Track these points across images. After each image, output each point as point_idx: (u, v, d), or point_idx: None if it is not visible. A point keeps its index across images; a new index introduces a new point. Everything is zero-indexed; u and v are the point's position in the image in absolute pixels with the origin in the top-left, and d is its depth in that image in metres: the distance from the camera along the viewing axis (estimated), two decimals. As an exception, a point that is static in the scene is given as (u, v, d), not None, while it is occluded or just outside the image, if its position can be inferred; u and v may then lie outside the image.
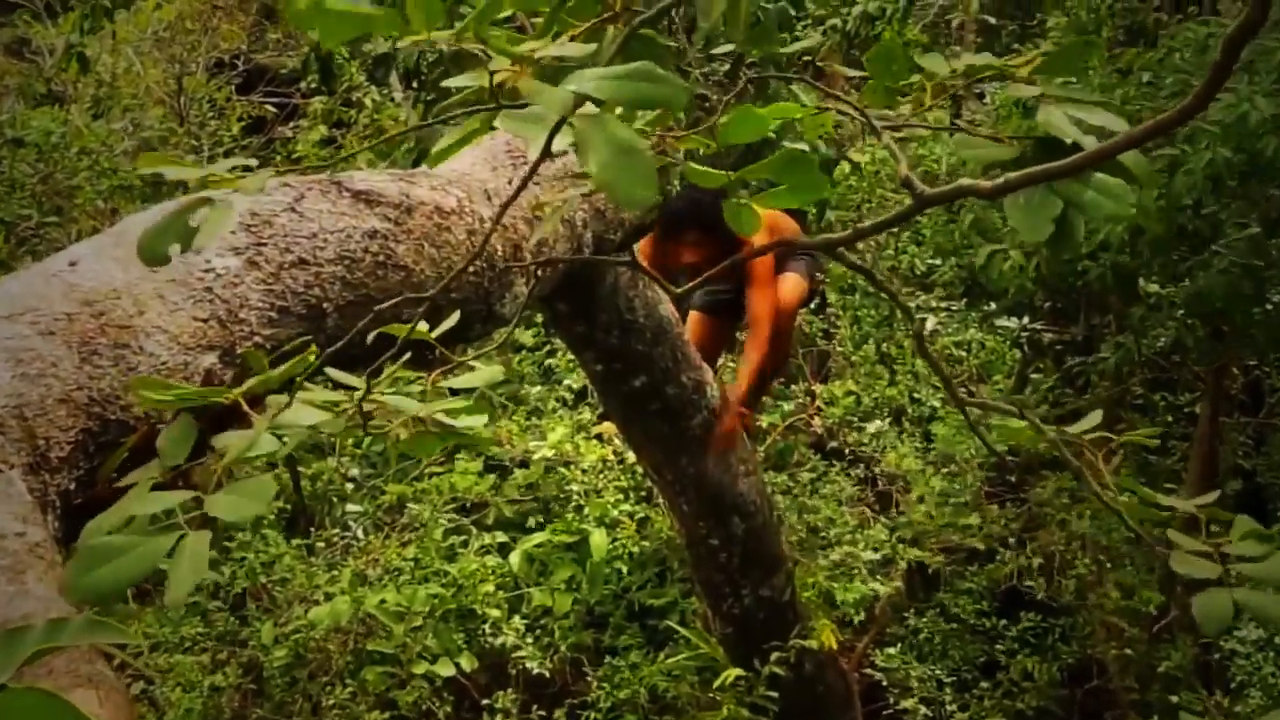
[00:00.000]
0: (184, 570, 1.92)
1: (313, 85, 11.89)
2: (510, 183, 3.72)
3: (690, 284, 2.58)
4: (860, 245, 11.26)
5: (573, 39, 2.10)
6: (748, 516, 6.83)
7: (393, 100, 12.37)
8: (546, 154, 2.01)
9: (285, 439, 2.37)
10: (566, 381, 10.12)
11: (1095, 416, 2.97)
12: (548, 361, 10.41)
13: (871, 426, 9.94)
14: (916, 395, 10.50)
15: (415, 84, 10.51)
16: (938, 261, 11.28)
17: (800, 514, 9.00)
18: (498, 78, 2.00)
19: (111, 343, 2.55)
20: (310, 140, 11.99)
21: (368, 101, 11.71)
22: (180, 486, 2.26)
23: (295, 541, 8.90)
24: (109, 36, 12.15)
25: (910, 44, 13.98)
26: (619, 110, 1.96)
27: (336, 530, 9.30)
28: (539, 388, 10.23)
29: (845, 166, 11.31)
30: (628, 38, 1.97)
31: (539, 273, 3.79)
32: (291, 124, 13.49)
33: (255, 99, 13.59)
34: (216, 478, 2.15)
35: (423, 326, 2.57)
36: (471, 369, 2.97)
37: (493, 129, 2.09)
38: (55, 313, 2.52)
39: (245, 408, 2.40)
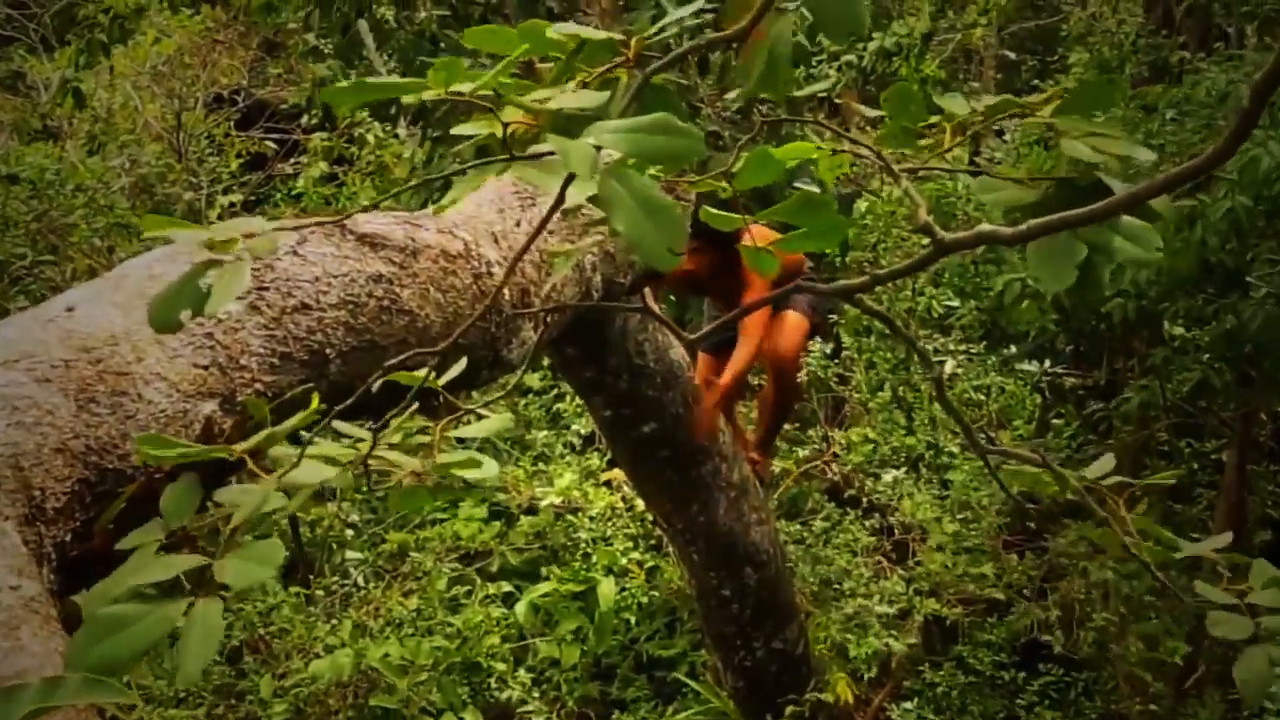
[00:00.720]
0: (196, 643, 1.92)
1: (314, 121, 11.94)
2: (518, 225, 3.74)
3: (707, 328, 2.58)
4: (877, 288, 11.26)
5: (585, 85, 2.12)
6: (760, 567, 6.82)
7: (396, 136, 12.42)
8: (560, 205, 2.03)
9: (290, 495, 2.37)
10: (574, 426, 10.13)
11: (1108, 461, 2.95)
12: (555, 406, 10.42)
13: (888, 475, 9.92)
14: (934, 442, 10.48)
15: (420, 120, 10.56)
16: (956, 304, 11.28)
17: (814, 564, 8.98)
18: (510, 126, 2.01)
19: (109, 390, 2.56)
20: (311, 177, 12.03)
21: (370, 138, 11.75)
22: (183, 546, 2.27)
23: (294, 590, 8.89)
24: (106, 71, 12.22)
25: (928, 80, 14.04)
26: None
27: (336, 578, 9.29)
28: (546, 433, 10.24)
29: (861, 205, 11.34)
30: (641, 87, 1.99)
31: (547, 318, 3.80)
32: (292, 160, 13.54)
33: (255, 135, 13.63)
34: (223, 538, 2.15)
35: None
36: (480, 417, 2.98)
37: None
38: (52, 359, 2.52)
39: (250, 464, 2.41)
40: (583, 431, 10.05)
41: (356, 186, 11.95)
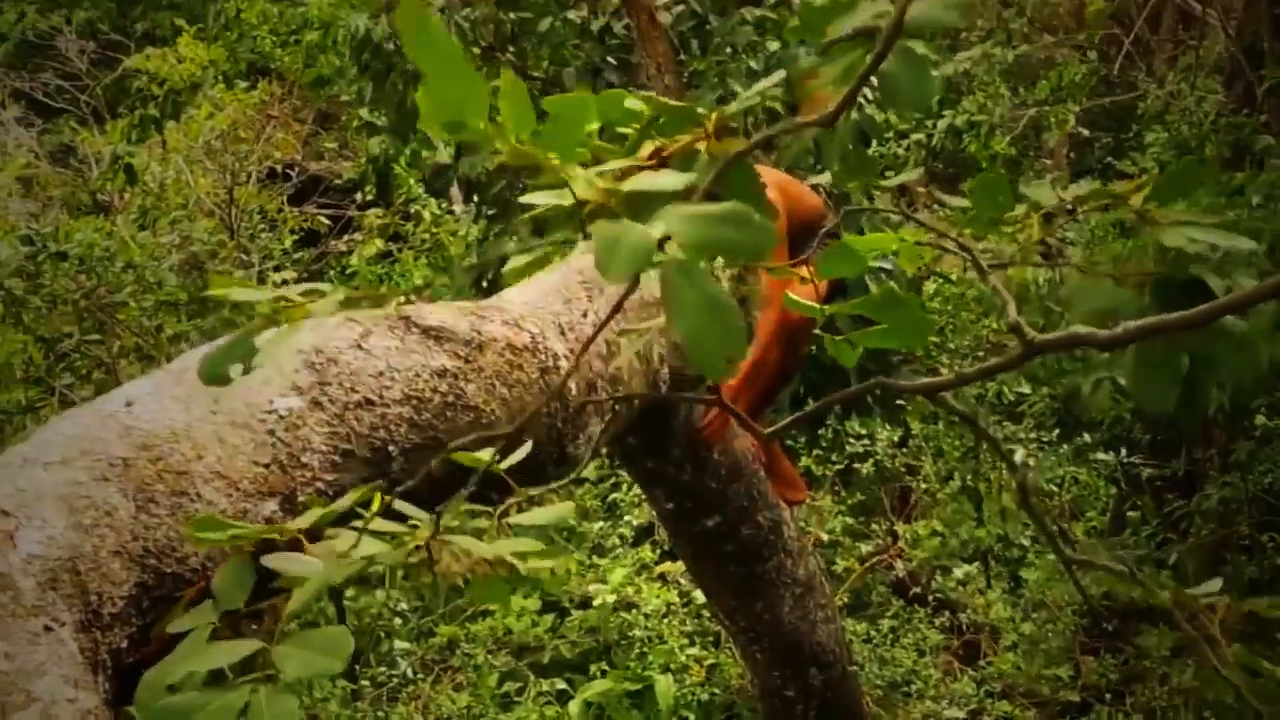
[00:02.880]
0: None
1: (369, 197, 12.05)
2: (585, 315, 3.73)
3: (783, 422, 2.55)
4: (943, 371, 11.24)
5: (666, 158, 2.11)
6: (826, 667, 6.74)
7: (451, 213, 12.51)
8: (631, 292, 2.02)
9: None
10: (628, 518, 10.08)
11: (1214, 586, 2.89)
12: (612, 496, 10.38)
13: (959, 571, 9.82)
14: (1004, 533, 10.38)
15: (475, 196, 10.65)
16: (1028, 390, 11.20)
17: (881, 665, 8.89)
18: (582, 200, 2.01)
19: (169, 490, 2.55)
20: (366, 255, 12.12)
21: (426, 214, 11.84)
22: (236, 632, 2.26)
23: (340, 682, 8.86)
24: (158, 145, 12.38)
25: (997, 157, 14.04)
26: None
27: (383, 669, 9.25)
28: (601, 524, 10.20)
29: (930, 287, 11.31)
30: (722, 174, 1.98)
31: (615, 407, 3.79)
32: (346, 237, 13.66)
33: (309, 210, 13.77)
34: (279, 623, 2.14)
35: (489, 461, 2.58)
36: (539, 504, 2.98)
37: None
38: (112, 457, 2.52)
39: (306, 545, 2.40)
40: (636, 523, 10.01)
41: (410, 265, 12.02)
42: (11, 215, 12.22)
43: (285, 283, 9.71)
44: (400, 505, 2.54)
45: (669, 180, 1.95)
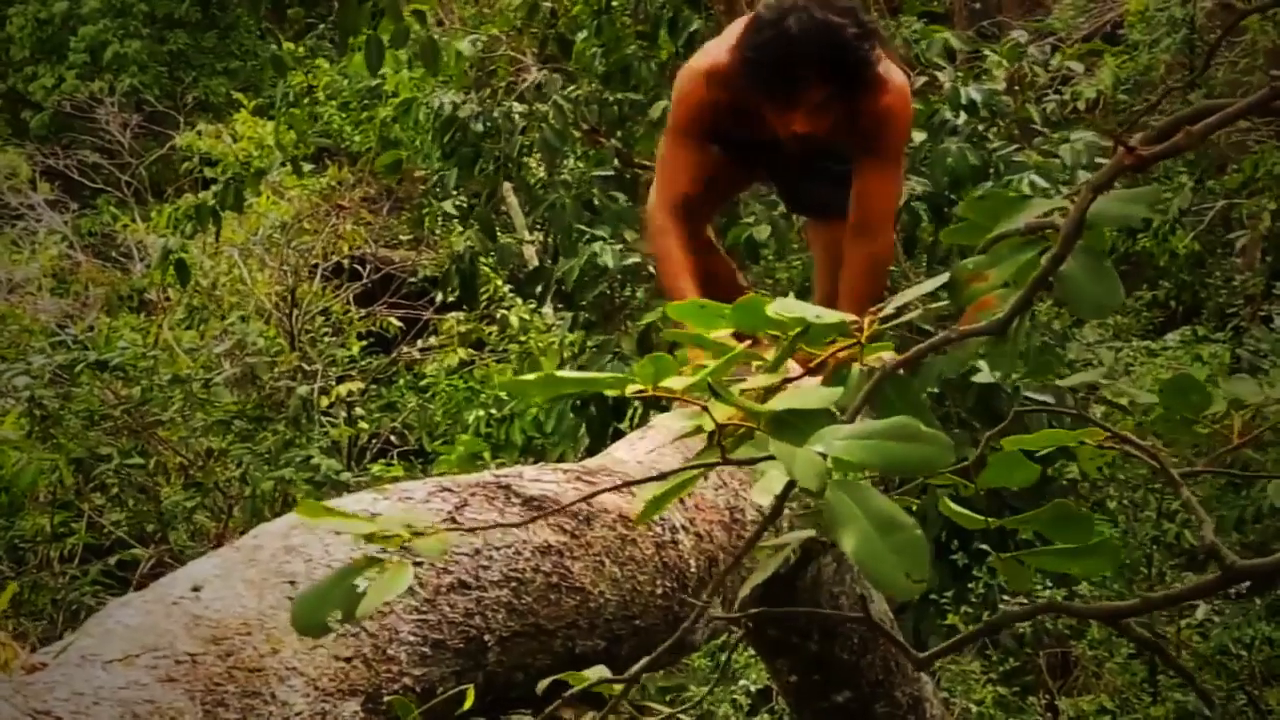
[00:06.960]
0: None
1: (452, 298, 12.11)
2: (705, 477, 3.78)
3: (944, 645, 2.59)
4: (1112, 505, 11.17)
5: (813, 369, 2.18)
6: None
7: (538, 312, 12.49)
8: (777, 515, 2.08)
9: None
10: (743, 681, 9.99)
11: None
12: (722, 656, 10.31)
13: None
14: (1186, 707, 10.22)
15: (571, 302, 10.67)
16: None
17: None
18: (723, 423, 2.07)
19: (240, 690, 2.62)
20: (446, 365, 12.13)
21: (513, 319, 11.86)
22: None
23: None
24: (209, 234, 12.52)
25: (1177, 256, 13.99)
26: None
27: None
28: (708, 688, 10.12)
29: (1096, 410, 11.22)
30: (875, 388, 2.04)
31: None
32: (420, 342, 13.69)
33: (379, 311, 13.79)
34: None
35: (602, 669, 2.63)
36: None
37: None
38: (178, 653, 2.59)
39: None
40: (753, 688, 9.93)
41: (492, 374, 12.01)
42: (43, 315, 12.39)
43: (350, 395, 9.72)
44: None
45: (816, 397, 2.01)
